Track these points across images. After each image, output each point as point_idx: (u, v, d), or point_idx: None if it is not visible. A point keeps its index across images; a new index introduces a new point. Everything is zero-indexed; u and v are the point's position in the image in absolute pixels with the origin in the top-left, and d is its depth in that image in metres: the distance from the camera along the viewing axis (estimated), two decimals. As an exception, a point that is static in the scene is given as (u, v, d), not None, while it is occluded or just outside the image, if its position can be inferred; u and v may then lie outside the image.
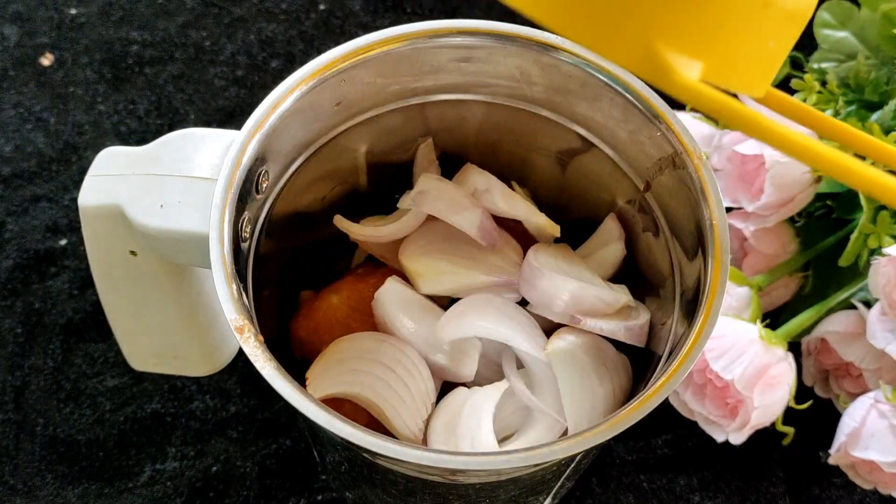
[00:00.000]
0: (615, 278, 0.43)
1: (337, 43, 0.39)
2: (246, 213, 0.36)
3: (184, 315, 0.43)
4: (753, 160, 0.49)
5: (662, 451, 0.53)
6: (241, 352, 0.40)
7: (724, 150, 0.51)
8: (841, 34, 0.55)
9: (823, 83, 0.52)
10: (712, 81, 0.23)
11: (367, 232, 0.43)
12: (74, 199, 0.58)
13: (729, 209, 0.51)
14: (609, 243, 0.43)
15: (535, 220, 0.43)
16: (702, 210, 0.36)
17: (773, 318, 0.52)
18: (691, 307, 0.36)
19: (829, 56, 0.55)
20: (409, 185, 0.44)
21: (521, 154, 0.45)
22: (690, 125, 0.51)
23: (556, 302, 0.40)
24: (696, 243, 0.36)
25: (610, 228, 0.43)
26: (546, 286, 0.40)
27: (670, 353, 0.36)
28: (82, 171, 0.60)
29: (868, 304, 0.48)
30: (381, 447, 0.30)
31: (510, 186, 0.44)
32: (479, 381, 0.40)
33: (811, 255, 0.52)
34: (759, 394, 0.45)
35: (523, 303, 0.42)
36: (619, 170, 0.41)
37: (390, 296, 0.41)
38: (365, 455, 0.35)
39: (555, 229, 0.43)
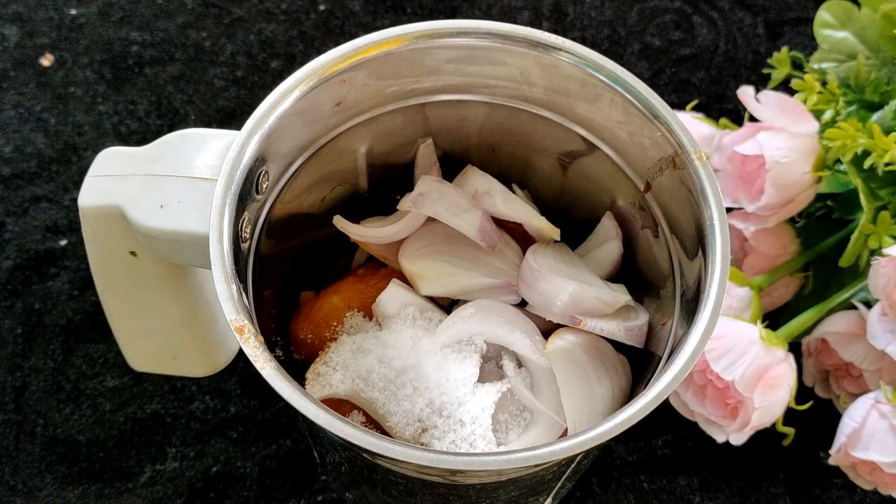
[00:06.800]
0: (614, 278, 0.43)
1: (337, 43, 0.39)
2: (246, 213, 0.36)
3: (184, 316, 0.43)
4: (754, 160, 0.49)
5: (663, 452, 0.53)
6: (241, 352, 0.40)
7: (724, 150, 0.51)
8: (841, 34, 0.55)
9: (824, 83, 0.52)
10: None
11: (367, 233, 0.43)
12: (74, 200, 0.58)
13: (729, 209, 0.51)
14: (606, 241, 0.43)
15: (536, 223, 0.43)
16: (702, 210, 0.36)
17: (773, 319, 0.52)
18: (691, 307, 0.36)
19: (830, 56, 0.55)
20: (409, 186, 0.44)
21: (521, 155, 0.45)
22: (690, 125, 0.51)
23: (556, 303, 0.40)
24: (697, 243, 0.36)
25: (607, 227, 0.43)
26: (545, 287, 0.40)
27: (670, 354, 0.36)
28: (82, 172, 0.60)
29: (868, 305, 0.48)
30: (381, 447, 0.30)
31: (511, 188, 0.44)
32: (479, 381, 0.40)
33: (811, 256, 0.52)
34: (759, 395, 0.45)
35: (523, 303, 0.42)
36: (620, 171, 0.41)
37: (391, 298, 0.41)
38: (365, 455, 0.35)
39: (555, 232, 0.43)
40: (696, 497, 0.52)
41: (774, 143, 0.48)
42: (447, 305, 0.43)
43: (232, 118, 0.64)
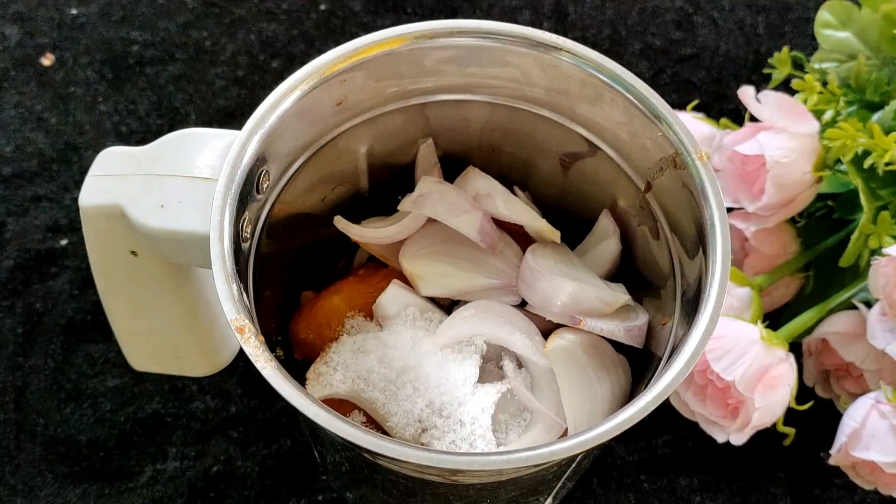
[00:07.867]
0: (614, 277, 0.43)
1: (338, 43, 0.39)
2: (246, 213, 0.36)
3: (184, 315, 0.43)
4: (754, 160, 0.49)
5: (663, 452, 0.53)
6: (241, 352, 0.40)
7: (724, 150, 0.51)
8: (842, 34, 0.55)
9: (824, 83, 0.52)
10: None
11: (368, 234, 0.43)
12: (75, 199, 0.58)
13: (730, 209, 0.51)
14: (604, 240, 0.43)
15: (536, 225, 0.43)
16: (703, 210, 0.36)
17: (773, 319, 0.52)
18: (692, 307, 0.36)
19: (830, 56, 0.55)
20: (410, 187, 0.44)
21: (522, 155, 0.45)
22: (691, 125, 0.51)
23: (555, 303, 0.40)
24: (697, 243, 0.36)
25: (605, 225, 0.43)
26: (545, 287, 0.40)
27: (671, 354, 0.36)
28: (83, 171, 0.60)
29: (869, 305, 0.48)
30: (382, 447, 0.30)
31: (512, 189, 0.44)
32: (479, 381, 0.40)
33: (812, 256, 0.52)
34: (760, 395, 0.45)
35: (523, 304, 0.42)
36: (621, 171, 0.41)
37: (391, 298, 0.41)
38: (365, 455, 0.35)
39: (555, 234, 0.43)
40: (697, 497, 0.52)
41: (775, 143, 0.48)
42: (447, 306, 0.43)
43: (232, 118, 0.64)
